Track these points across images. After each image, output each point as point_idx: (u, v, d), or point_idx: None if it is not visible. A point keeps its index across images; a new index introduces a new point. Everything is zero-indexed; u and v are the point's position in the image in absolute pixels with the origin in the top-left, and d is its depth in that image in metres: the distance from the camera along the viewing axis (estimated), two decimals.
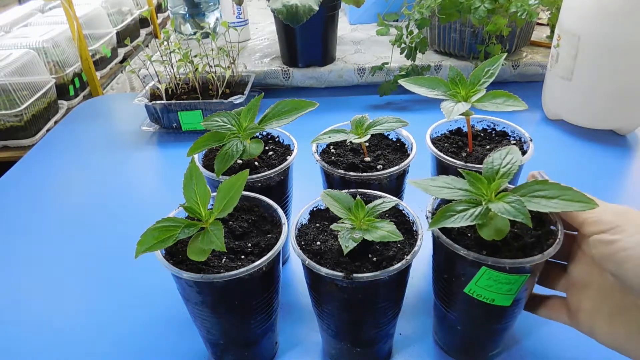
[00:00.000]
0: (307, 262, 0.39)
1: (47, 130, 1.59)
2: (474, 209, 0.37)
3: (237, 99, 0.85)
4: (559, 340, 0.48)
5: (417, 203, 0.48)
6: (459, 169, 0.42)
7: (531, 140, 0.52)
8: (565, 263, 0.42)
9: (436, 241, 0.42)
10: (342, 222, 0.41)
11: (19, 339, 0.53)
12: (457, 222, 0.37)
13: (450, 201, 0.39)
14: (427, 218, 0.42)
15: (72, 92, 1.82)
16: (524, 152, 0.51)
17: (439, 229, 0.39)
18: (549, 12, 1.00)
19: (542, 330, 0.49)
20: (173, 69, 0.89)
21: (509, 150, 0.41)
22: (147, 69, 0.93)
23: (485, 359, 0.47)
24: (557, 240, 0.38)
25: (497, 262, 0.37)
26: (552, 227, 0.40)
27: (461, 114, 0.47)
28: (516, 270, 0.37)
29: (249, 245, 0.42)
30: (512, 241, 0.39)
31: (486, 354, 0.47)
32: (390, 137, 0.58)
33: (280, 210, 0.45)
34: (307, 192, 0.51)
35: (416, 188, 0.41)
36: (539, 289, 0.43)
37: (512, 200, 0.36)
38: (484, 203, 0.38)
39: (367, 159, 0.53)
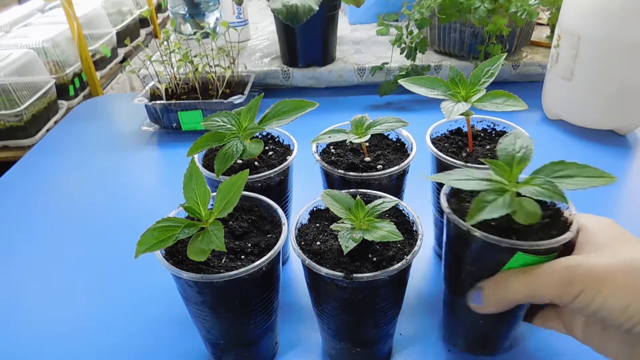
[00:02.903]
0: (307, 262, 0.39)
1: (47, 130, 1.59)
2: (503, 197, 0.36)
3: (237, 99, 0.85)
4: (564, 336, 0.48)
5: (417, 203, 0.48)
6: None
7: (531, 140, 0.52)
8: None
9: (460, 235, 0.40)
10: (342, 222, 0.41)
11: (19, 339, 0.53)
12: (493, 212, 0.35)
13: (460, 190, 0.39)
14: (445, 208, 0.41)
15: (72, 92, 1.82)
16: None
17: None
18: (549, 12, 1.00)
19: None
20: (173, 69, 0.89)
21: (516, 135, 0.41)
22: (147, 69, 0.93)
23: (497, 352, 0.47)
24: (574, 214, 0.38)
25: (534, 245, 0.36)
26: (559, 205, 0.41)
27: (461, 114, 0.47)
28: (546, 251, 0.37)
29: (249, 245, 0.42)
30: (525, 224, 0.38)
31: (500, 347, 0.47)
32: (390, 137, 0.58)
33: (280, 210, 0.45)
34: (307, 192, 0.51)
35: (415, 188, 0.40)
36: None
37: (542, 182, 0.36)
38: (510, 189, 0.37)
39: (367, 159, 0.53)
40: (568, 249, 0.38)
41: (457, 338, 0.48)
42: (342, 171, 0.50)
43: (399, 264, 0.38)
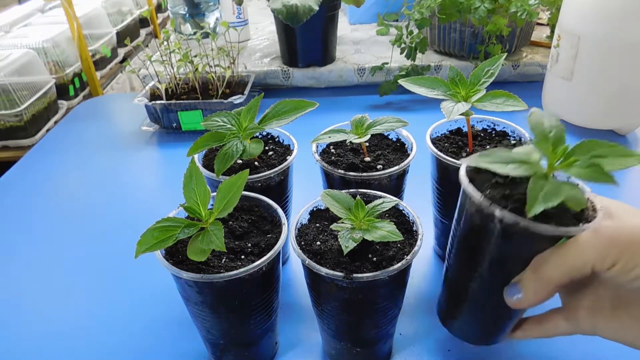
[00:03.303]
0: (307, 262, 0.39)
1: (47, 130, 1.59)
2: (551, 182, 0.34)
3: (237, 99, 0.85)
4: None
5: (417, 203, 0.48)
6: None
7: (531, 140, 0.52)
8: None
9: (496, 227, 0.37)
10: (342, 222, 0.41)
11: (19, 339, 0.53)
12: (551, 200, 0.32)
13: (477, 169, 0.37)
14: (480, 199, 0.37)
15: (72, 92, 1.82)
16: None
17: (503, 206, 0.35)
18: (549, 12, 1.00)
19: None
20: (173, 69, 0.89)
21: (538, 114, 0.38)
22: (147, 69, 0.93)
23: (494, 342, 0.46)
24: (591, 194, 0.37)
25: (580, 229, 0.34)
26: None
27: (461, 114, 0.47)
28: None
29: (249, 245, 0.42)
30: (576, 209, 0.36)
31: (499, 338, 0.46)
32: (390, 137, 0.58)
33: (280, 210, 0.45)
34: (307, 192, 0.51)
35: (415, 188, 0.40)
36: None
37: (586, 163, 0.34)
38: (549, 173, 0.35)
39: (367, 159, 0.53)
40: None
41: (462, 328, 0.46)
42: (342, 171, 0.50)
43: (399, 264, 0.38)
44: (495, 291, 0.40)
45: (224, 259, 0.41)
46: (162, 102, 0.87)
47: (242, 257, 0.41)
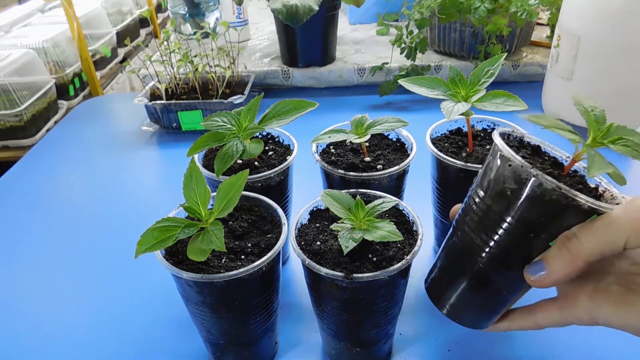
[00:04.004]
0: (307, 262, 0.39)
1: (47, 130, 1.59)
2: (599, 153, 0.35)
3: (237, 99, 0.85)
4: None
5: (417, 203, 0.48)
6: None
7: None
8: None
9: (533, 193, 0.35)
10: (342, 222, 0.41)
11: (19, 339, 0.53)
12: (606, 167, 0.33)
13: (509, 139, 0.38)
14: (525, 164, 0.35)
15: (72, 92, 1.82)
16: None
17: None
18: (549, 12, 1.00)
19: None
20: (173, 69, 0.89)
21: (577, 98, 0.39)
22: (147, 69, 0.93)
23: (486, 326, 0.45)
24: (604, 185, 0.38)
25: (609, 207, 0.34)
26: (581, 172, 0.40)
27: (461, 114, 0.47)
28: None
29: (249, 245, 0.42)
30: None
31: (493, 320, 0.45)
32: (390, 137, 0.58)
33: (280, 210, 0.45)
34: (307, 192, 0.51)
35: (415, 188, 0.40)
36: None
37: (630, 142, 0.35)
38: (593, 146, 0.36)
39: (367, 159, 0.53)
40: None
41: (465, 313, 0.44)
42: (342, 171, 0.50)
43: (399, 264, 0.38)
44: (506, 268, 0.39)
45: (224, 259, 0.41)
46: (162, 102, 0.87)
47: (242, 257, 0.41)
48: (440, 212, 0.57)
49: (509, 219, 0.37)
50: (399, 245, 0.41)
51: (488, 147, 0.53)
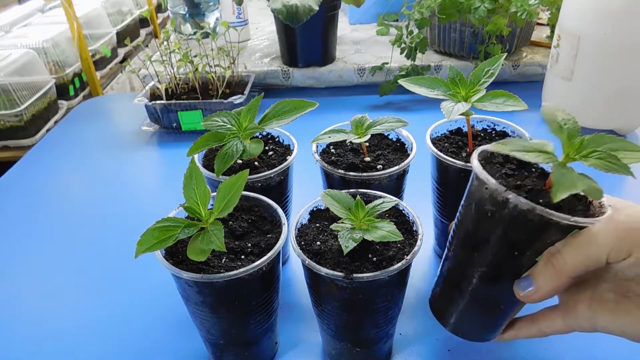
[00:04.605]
0: (307, 262, 0.39)
1: (47, 130, 1.59)
2: (572, 171, 0.34)
3: (237, 99, 0.85)
4: None
5: (417, 203, 0.48)
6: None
7: (531, 140, 0.52)
8: None
9: (510, 215, 0.36)
10: (342, 222, 0.41)
11: (19, 339, 0.53)
12: (575, 187, 0.32)
13: (487, 159, 0.37)
14: (496, 185, 0.36)
15: (72, 92, 1.82)
16: None
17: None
18: (549, 12, 1.00)
19: None
20: (173, 69, 0.89)
21: (553, 108, 0.38)
22: (147, 69, 0.93)
23: (490, 339, 0.45)
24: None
25: (595, 220, 0.34)
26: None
27: (461, 114, 0.47)
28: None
29: (249, 245, 0.42)
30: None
31: (495, 334, 0.45)
32: (390, 137, 0.58)
33: (280, 210, 0.45)
34: (307, 192, 0.51)
35: (415, 188, 0.40)
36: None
37: (603, 155, 0.34)
38: (565, 163, 0.35)
39: (367, 159, 0.53)
40: None
41: (464, 326, 0.45)
42: (342, 171, 0.50)
43: (399, 264, 0.38)
44: (499, 284, 0.39)
45: (224, 259, 0.41)
46: (162, 102, 0.87)
47: (242, 257, 0.41)
48: (440, 212, 0.57)
49: (493, 238, 0.38)
50: (399, 245, 0.41)
51: None
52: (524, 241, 0.37)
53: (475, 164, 0.38)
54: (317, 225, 0.45)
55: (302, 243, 0.42)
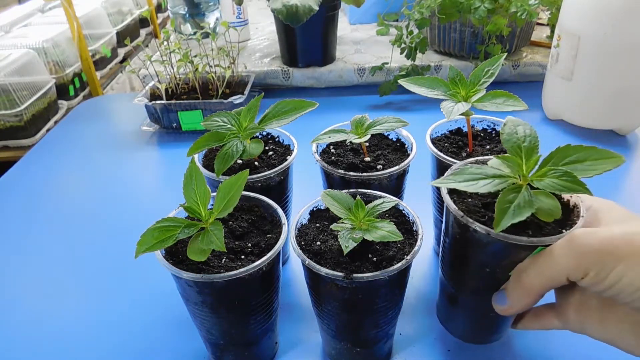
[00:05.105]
0: (307, 262, 0.39)
1: (47, 130, 1.59)
2: (523, 195, 0.34)
3: (237, 99, 0.85)
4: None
5: (417, 203, 0.48)
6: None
7: (530, 126, 0.52)
8: None
9: (473, 237, 0.38)
10: (342, 222, 0.41)
11: (19, 339, 0.53)
12: (519, 215, 0.33)
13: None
14: (455, 211, 0.38)
15: (72, 92, 1.82)
16: None
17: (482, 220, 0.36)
18: (549, 12, 1.00)
19: None
20: (173, 69, 0.89)
21: (514, 122, 0.38)
22: (147, 69, 0.93)
23: (493, 342, 0.47)
24: (578, 197, 0.37)
25: (555, 238, 0.34)
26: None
27: (461, 114, 0.47)
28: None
29: (249, 245, 0.42)
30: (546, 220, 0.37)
31: (498, 337, 0.47)
32: (390, 137, 0.58)
33: (280, 210, 0.45)
34: (307, 192, 0.51)
35: (415, 188, 0.40)
36: None
37: (559, 174, 0.33)
38: (523, 184, 0.35)
39: (367, 159, 0.53)
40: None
41: (454, 327, 0.48)
42: (342, 171, 0.50)
43: (399, 264, 0.38)
44: (484, 296, 0.41)
45: (224, 259, 0.41)
46: (162, 102, 0.87)
47: (242, 257, 0.41)
48: (440, 212, 0.57)
49: (466, 256, 0.41)
50: (399, 245, 0.41)
51: (488, 147, 0.53)
52: (492, 260, 0.39)
53: (442, 188, 0.40)
54: (317, 225, 0.45)
55: (302, 243, 0.42)
